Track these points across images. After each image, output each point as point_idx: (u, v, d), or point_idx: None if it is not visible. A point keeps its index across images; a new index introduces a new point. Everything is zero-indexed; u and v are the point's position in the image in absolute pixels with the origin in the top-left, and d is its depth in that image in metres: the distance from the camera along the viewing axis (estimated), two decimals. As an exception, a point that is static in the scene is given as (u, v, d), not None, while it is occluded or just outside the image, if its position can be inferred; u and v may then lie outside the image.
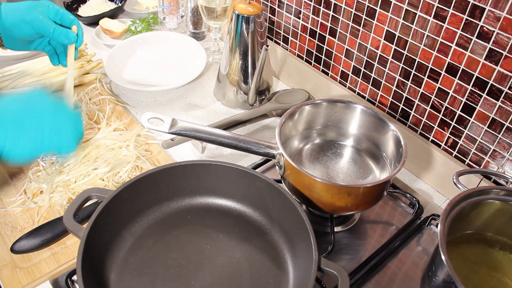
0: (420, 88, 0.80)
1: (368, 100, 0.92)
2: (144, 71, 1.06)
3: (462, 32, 0.70)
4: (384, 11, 0.79)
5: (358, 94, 0.93)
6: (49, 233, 0.67)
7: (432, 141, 0.82)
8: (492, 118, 0.71)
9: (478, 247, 0.63)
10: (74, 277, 0.63)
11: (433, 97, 0.78)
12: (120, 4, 1.27)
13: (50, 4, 0.74)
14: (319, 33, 0.95)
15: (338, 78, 0.96)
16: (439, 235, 0.52)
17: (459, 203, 0.58)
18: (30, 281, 0.63)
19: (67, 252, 0.67)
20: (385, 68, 0.84)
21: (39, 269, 0.65)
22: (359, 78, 0.91)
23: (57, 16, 0.74)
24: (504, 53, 0.66)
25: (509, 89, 0.67)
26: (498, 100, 0.69)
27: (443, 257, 0.50)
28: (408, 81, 0.81)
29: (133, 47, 1.09)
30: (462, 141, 0.77)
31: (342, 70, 0.94)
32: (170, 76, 1.05)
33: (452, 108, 0.76)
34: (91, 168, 0.77)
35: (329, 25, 0.92)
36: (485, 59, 0.69)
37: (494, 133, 0.72)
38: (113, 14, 1.24)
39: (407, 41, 0.78)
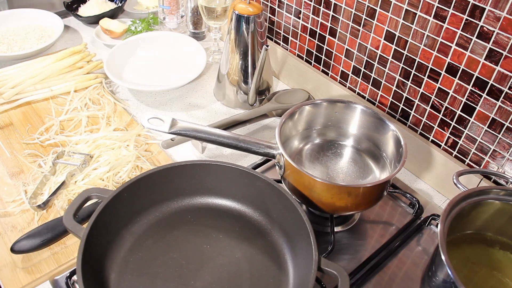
0: (420, 88, 0.80)
1: (368, 100, 0.92)
2: (144, 71, 1.06)
3: (462, 32, 0.70)
4: (384, 11, 0.79)
5: (358, 94, 0.93)
6: (49, 233, 0.67)
7: (432, 141, 0.82)
8: (492, 118, 0.71)
9: (478, 247, 0.63)
10: (74, 277, 0.63)
11: (433, 97, 0.78)
12: (120, 4, 1.27)
13: None
14: (319, 33, 0.95)
15: (338, 78, 0.96)
16: (439, 235, 0.52)
17: (459, 203, 0.58)
18: (30, 281, 0.63)
19: (67, 252, 0.67)
20: (385, 68, 0.84)
21: (39, 269, 0.65)
22: (359, 78, 0.91)
23: None
24: (504, 53, 0.66)
25: (509, 89, 0.67)
26: (498, 100, 0.69)
27: (443, 257, 0.50)
28: (408, 81, 0.81)
29: (133, 47, 1.09)
30: (462, 141, 0.77)
31: (342, 70, 0.94)
32: (170, 76, 1.05)
33: (452, 108, 0.76)
34: (91, 168, 0.77)
35: (329, 25, 0.92)
36: (485, 59, 0.69)
37: (494, 133, 0.72)
38: (113, 14, 1.24)
39: (407, 41, 0.78)
